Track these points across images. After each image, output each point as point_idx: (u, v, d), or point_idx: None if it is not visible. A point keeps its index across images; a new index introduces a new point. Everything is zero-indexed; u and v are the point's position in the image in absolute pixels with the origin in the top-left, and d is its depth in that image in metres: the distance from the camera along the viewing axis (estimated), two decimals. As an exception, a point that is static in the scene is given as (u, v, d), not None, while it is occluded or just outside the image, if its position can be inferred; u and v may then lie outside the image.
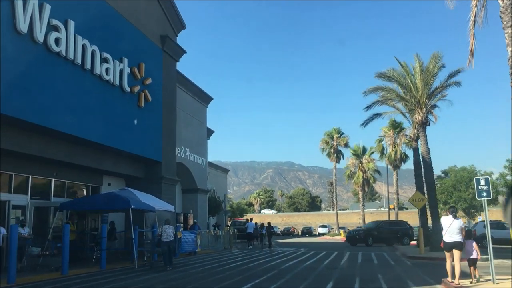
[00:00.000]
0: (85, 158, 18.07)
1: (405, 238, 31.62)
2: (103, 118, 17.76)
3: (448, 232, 11.13)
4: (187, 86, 29.07)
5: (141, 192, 19.50)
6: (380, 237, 30.97)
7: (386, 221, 34.54)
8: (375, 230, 31.26)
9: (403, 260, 18.83)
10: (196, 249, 22.20)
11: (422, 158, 23.02)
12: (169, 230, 15.46)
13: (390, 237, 31.21)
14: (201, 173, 30.83)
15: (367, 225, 34.96)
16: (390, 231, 31.81)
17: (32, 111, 13.78)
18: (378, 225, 32.58)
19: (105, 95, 17.91)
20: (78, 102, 16.13)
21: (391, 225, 33.37)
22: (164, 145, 22.92)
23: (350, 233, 33.60)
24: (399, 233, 31.65)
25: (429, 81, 22.43)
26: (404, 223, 34.21)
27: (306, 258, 20.03)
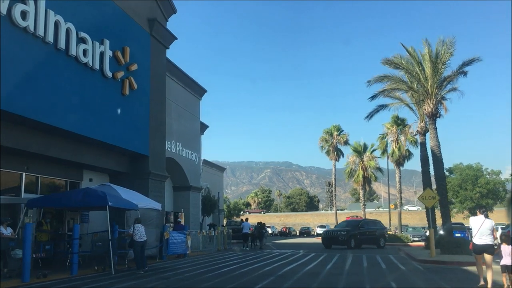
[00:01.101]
0: (61, 151, 16.20)
1: (381, 239, 28.94)
2: (81, 105, 15.90)
3: (479, 234, 9.57)
4: (178, 76, 27.22)
5: (124, 188, 17.71)
6: (361, 238, 27.51)
7: (364, 220, 30.70)
8: (356, 231, 27.46)
9: (413, 264, 17.03)
10: (187, 251, 20.36)
11: (432, 153, 21.25)
12: (142, 229, 14.16)
13: (370, 239, 28.35)
14: (193, 170, 28.96)
15: (340, 225, 30.46)
16: (370, 231, 28.73)
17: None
18: (359, 225, 28.56)
19: (83, 80, 16.04)
20: (50, 85, 14.28)
21: (370, 225, 29.79)
22: (151, 137, 21.07)
23: (327, 233, 29.05)
24: (377, 234, 28.90)
25: (440, 69, 20.61)
26: (379, 222, 31.10)
27: (306, 261, 18.21)
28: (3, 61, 12.28)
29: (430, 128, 21.14)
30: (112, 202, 13.80)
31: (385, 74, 22.08)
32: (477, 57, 20.28)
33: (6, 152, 14.12)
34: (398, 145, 39.41)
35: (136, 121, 19.87)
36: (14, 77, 12.77)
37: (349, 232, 26.83)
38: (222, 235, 26.62)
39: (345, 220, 31.37)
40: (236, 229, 33.39)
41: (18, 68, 12.99)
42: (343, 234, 26.70)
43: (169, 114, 25.07)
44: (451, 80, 20.79)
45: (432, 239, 18.41)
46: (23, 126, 14.05)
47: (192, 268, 15.24)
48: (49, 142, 15.40)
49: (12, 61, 12.68)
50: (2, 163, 14.78)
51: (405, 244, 33.21)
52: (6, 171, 15.19)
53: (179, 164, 26.76)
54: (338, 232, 27.28)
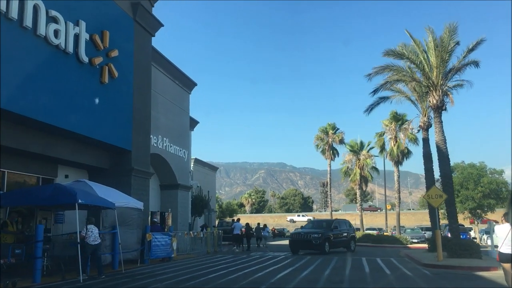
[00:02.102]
0: (31, 143, 14.56)
1: (352, 242, 25.50)
2: (51, 92, 14.25)
3: (507, 241, 8.30)
4: (166, 68, 25.58)
5: (101, 185, 16.06)
6: (334, 241, 23.58)
7: (337, 220, 26.15)
8: (330, 233, 23.31)
9: (420, 269, 15.49)
10: (172, 254, 18.72)
11: (437, 148, 19.71)
12: (96, 231, 12.80)
13: (342, 241, 24.65)
14: (182, 167, 27.32)
15: (309, 226, 25.69)
16: (342, 233, 24.90)
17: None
18: (332, 225, 24.16)
19: (54, 63, 14.40)
20: (14, 67, 12.63)
21: (342, 225, 25.51)
22: (135, 131, 19.43)
23: (297, 235, 23.90)
24: (348, 236, 25.38)
25: (445, 57, 19.10)
26: (349, 222, 27.21)
27: (302, 265, 16.63)
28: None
29: (435, 122, 19.64)
30: (83, 200, 12.16)
31: (386, 65, 20.53)
32: (482, 38, 18.78)
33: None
34: (396, 143, 37.92)
35: (118, 112, 18.24)
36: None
37: (323, 234, 22.59)
38: (212, 236, 24.97)
39: (313, 221, 27.12)
40: (228, 230, 31.73)
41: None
42: (316, 236, 22.34)
43: (155, 107, 23.45)
44: (458, 70, 19.28)
45: (439, 242, 16.89)
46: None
47: (175, 274, 13.61)
48: (15, 133, 13.75)
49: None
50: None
51: (404, 246, 31.78)
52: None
53: (166, 161, 25.12)
54: (310, 235, 22.65)
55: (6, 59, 12.28)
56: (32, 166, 16.13)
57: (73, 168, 18.26)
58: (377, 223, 78.48)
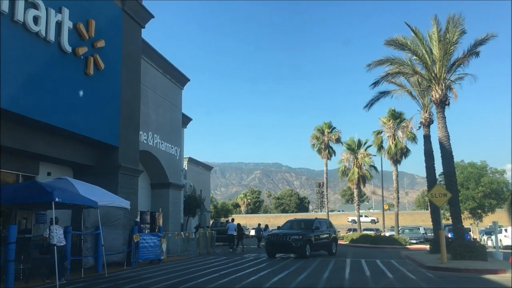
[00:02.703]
0: (9, 138, 13.55)
1: (334, 244, 22.90)
2: (31, 83, 13.29)
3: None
4: (158, 62, 24.63)
5: (85, 183, 15.19)
6: (316, 244, 21.06)
7: (318, 220, 23.17)
8: (311, 234, 20.76)
9: (423, 272, 14.60)
10: (161, 256, 17.75)
11: (440, 145, 18.84)
12: (60, 231, 11.86)
13: (324, 244, 22.11)
14: (174, 165, 26.36)
15: (287, 226, 22.70)
16: (324, 234, 22.33)
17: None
18: (313, 226, 21.48)
19: (34, 52, 13.44)
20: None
21: (323, 225, 22.78)
22: (123, 126, 18.46)
23: (274, 237, 21.00)
24: (330, 238, 22.75)
25: (449, 50, 18.24)
26: (330, 222, 24.64)
27: (298, 268, 15.72)
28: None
29: (437, 117, 18.78)
30: (60, 198, 11.17)
31: (387, 57, 19.66)
32: (491, 34, 17.94)
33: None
34: (395, 141, 37.04)
35: (104, 106, 17.28)
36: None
37: (304, 235, 20.11)
38: (205, 237, 24.00)
39: (291, 220, 24.39)
40: (222, 230, 30.81)
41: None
42: (297, 238, 19.87)
43: (145, 102, 22.50)
44: (462, 63, 18.42)
45: (443, 243, 16.01)
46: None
47: (162, 278, 12.66)
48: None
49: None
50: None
51: (403, 246, 30.91)
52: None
53: (157, 158, 24.16)
54: (290, 236, 20.12)
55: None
56: (11, 163, 15.06)
57: (56, 165, 17.27)
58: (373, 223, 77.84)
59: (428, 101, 22.41)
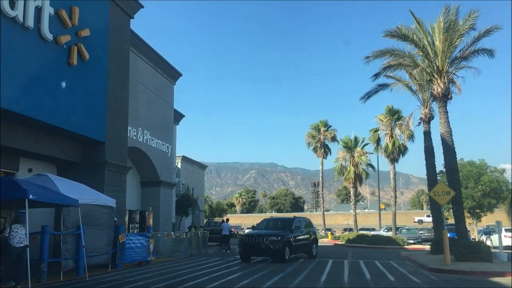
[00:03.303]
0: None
1: (314, 245, 20.54)
2: (8, 72, 12.32)
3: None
4: (148, 56, 23.70)
5: (67, 180, 14.27)
6: (296, 246, 18.75)
7: (297, 218, 20.68)
8: (291, 235, 18.35)
9: (426, 275, 13.79)
10: (148, 257, 16.83)
11: (442, 141, 18.03)
12: (22, 231, 10.77)
13: (304, 246, 19.70)
14: (165, 163, 25.43)
15: (263, 226, 20.26)
16: (304, 235, 19.85)
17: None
18: (292, 225, 19.08)
19: (11, 39, 12.48)
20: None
21: (302, 225, 20.28)
22: (110, 121, 17.53)
23: (249, 238, 18.43)
24: (311, 238, 20.37)
25: (454, 41, 17.41)
26: (310, 221, 21.73)
27: (294, 270, 14.86)
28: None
29: (439, 112, 17.96)
30: (35, 196, 10.26)
31: (387, 48, 18.82)
32: (496, 26, 17.13)
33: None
34: (392, 139, 36.23)
35: (89, 99, 16.34)
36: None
37: (283, 236, 17.73)
38: (197, 237, 23.08)
39: (268, 219, 21.69)
40: (216, 230, 29.91)
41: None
42: (275, 240, 17.49)
43: (134, 96, 21.59)
44: (466, 56, 17.59)
45: (447, 244, 15.18)
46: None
47: (147, 282, 11.76)
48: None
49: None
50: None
51: (402, 247, 30.11)
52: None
53: (147, 155, 23.24)
54: (267, 237, 17.66)
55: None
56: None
57: (39, 161, 16.34)
58: (369, 223, 77.10)
59: (429, 96, 21.61)
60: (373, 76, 19.85)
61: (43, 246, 11.44)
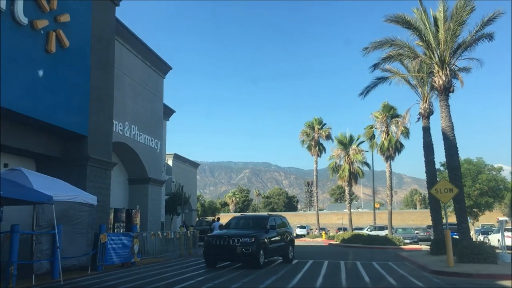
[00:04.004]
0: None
1: (290, 248, 17.89)
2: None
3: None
4: (136, 47, 22.65)
5: (43, 175, 13.31)
6: (271, 248, 16.01)
7: (272, 217, 17.61)
8: (265, 236, 15.57)
9: (429, 278, 12.91)
10: (132, 258, 15.83)
11: (443, 136, 17.19)
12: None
13: (279, 248, 16.97)
14: (154, 159, 24.40)
15: (232, 226, 17.32)
16: (281, 236, 17.18)
17: None
18: (267, 225, 16.24)
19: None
20: None
21: (278, 224, 17.45)
22: (92, 113, 16.49)
23: (216, 239, 15.24)
24: (287, 240, 17.73)
25: (457, 31, 16.57)
26: (285, 220, 18.77)
27: (287, 273, 13.94)
28: None
29: (440, 106, 17.11)
30: (2, 192, 9.24)
31: (386, 39, 17.95)
32: (499, 11, 16.21)
33: None
34: (388, 136, 35.38)
35: (70, 90, 15.29)
36: None
37: (257, 237, 14.90)
38: (186, 237, 22.09)
39: (237, 217, 18.79)
40: (207, 229, 28.96)
41: None
42: (248, 242, 14.62)
43: (121, 89, 20.57)
44: (469, 46, 16.75)
45: (450, 244, 14.33)
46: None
47: (128, 286, 10.77)
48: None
49: None
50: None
51: (398, 247, 29.29)
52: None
53: (134, 151, 22.20)
54: (238, 239, 14.76)
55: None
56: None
57: (17, 157, 15.32)
58: (363, 222, 76.40)
59: (428, 90, 20.80)
60: (372, 67, 18.95)
61: (13, 247, 10.40)
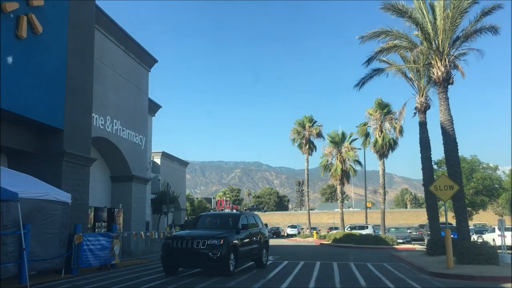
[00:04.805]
0: None
1: (264, 250, 15.14)
2: None
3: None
4: (119, 38, 21.54)
5: (11, 171, 12.37)
6: (243, 252, 13.35)
7: (243, 214, 14.95)
8: (236, 237, 12.98)
9: (428, 280, 12.04)
10: (112, 260, 14.77)
11: (442, 131, 16.34)
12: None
13: (252, 251, 14.23)
14: (138, 156, 23.31)
15: (196, 225, 14.40)
16: (254, 237, 14.50)
17: None
18: (237, 223, 13.66)
19: None
20: None
21: (251, 224, 14.74)
22: (69, 105, 15.41)
23: (177, 241, 12.50)
24: (261, 241, 14.91)
25: (457, 19, 15.72)
26: (258, 218, 16.02)
27: (277, 276, 12.99)
28: None
29: (439, 98, 16.27)
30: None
31: (382, 29, 17.08)
32: (499, 4, 15.47)
33: None
34: (382, 133, 34.56)
35: (44, 79, 14.22)
36: None
37: (226, 239, 12.36)
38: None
39: (204, 215, 15.92)
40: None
41: None
42: (215, 244, 12.09)
43: (102, 81, 19.51)
44: (470, 35, 15.90)
45: (450, 245, 13.46)
46: None
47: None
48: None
49: None
50: None
51: (391, 247, 28.53)
52: None
53: (117, 147, 21.11)
54: (204, 241, 12.16)
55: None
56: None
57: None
58: (353, 222, 75.62)
59: (425, 83, 19.97)
60: (365, 62, 17.99)
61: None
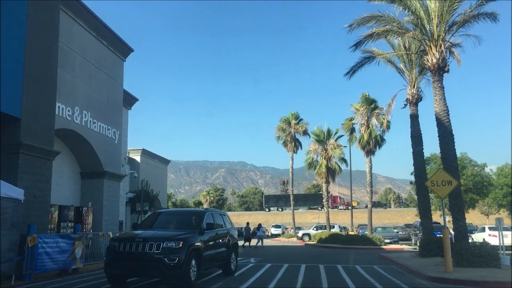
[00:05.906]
0: None
1: (233, 254, 13.11)
2: None
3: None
4: (90, 23, 19.89)
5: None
6: (207, 257, 10.91)
7: (208, 211, 12.17)
8: (199, 238, 10.52)
9: (427, 286, 10.80)
10: (73, 264, 13.22)
11: (437, 122, 15.15)
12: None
13: (219, 255, 11.96)
14: (111, 151, 21.69)
15: (152, 224, 11.55)
16: (220, 238, 12.15)
17: None
18: (201, 222, 11.11)
19: None
20: None
21: (218, 222, 12.43)
22: (28, 92, 13.83)
23: (121, 245, 9.72)
24: (229, 244, 12.78)
25: (455, 2, 14.55)
26: (226, 217, 13.72)
27: (260, 279, 11.62)
28: None
29: (434, 88, 15.08)
30: None
31: (372, 14, 15.85)
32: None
33: None
34: (368, 129, 33.40)
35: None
36: None
37: (187, 241, 9.89)
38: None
39: (159, 212, 13.02)
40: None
41: None
42: (173, 247, 9.49)
43: (70, 68, 17.93)
44: (467, 21, 14.74)
45: (448, 247, 12.24)
46: None
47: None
48: None
49: None
50: None
51: (379, 247, 27.42)
52: None
53: (87, 140, 19.47)
54: (158, 243, 9.52)
55: None
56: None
57: None
58: (339, 221, 74.79)
59: (417, 74, 18.83)
60: (353, 46, 16.60)
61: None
